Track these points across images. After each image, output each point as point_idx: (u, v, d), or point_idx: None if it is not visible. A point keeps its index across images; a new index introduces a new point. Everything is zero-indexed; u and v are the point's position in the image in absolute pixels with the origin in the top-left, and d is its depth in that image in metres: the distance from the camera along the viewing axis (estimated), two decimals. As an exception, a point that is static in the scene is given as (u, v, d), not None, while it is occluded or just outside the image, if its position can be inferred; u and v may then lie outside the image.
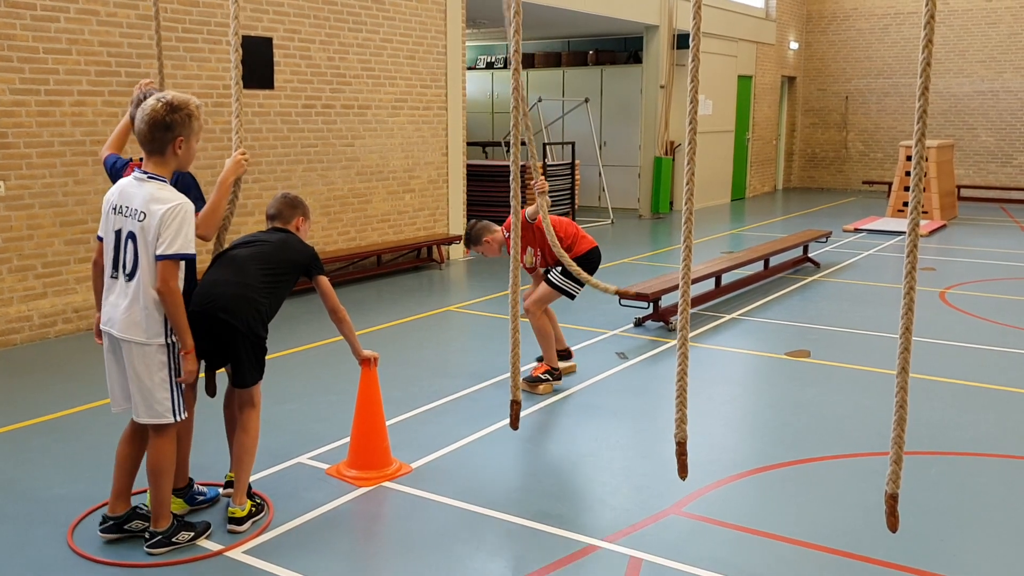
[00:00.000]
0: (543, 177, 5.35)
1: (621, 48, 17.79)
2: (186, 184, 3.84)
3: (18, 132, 6.94)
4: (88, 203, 7.40)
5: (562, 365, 6.10)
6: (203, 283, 3.83)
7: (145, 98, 3.77)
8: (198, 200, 3.83)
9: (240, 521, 3.87)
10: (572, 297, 5.98)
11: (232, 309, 3.73)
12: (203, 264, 4.11)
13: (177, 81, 8.02)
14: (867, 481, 4.52)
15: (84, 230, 7.39)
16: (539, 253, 5.91)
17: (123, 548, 3.75)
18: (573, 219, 14.20)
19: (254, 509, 3.96)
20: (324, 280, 4.12)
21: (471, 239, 5.98)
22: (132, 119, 3.91)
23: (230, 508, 3.90)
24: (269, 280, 3.88)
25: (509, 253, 5.83)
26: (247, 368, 3.85)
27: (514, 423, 3.25)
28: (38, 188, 7.09)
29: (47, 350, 6.91)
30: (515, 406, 3.22)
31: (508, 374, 6.08)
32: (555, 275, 5.88)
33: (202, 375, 4.02)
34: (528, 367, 6.15)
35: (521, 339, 3.33)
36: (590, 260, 5.95)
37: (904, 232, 13.69)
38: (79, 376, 6.13)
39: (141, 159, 3.70)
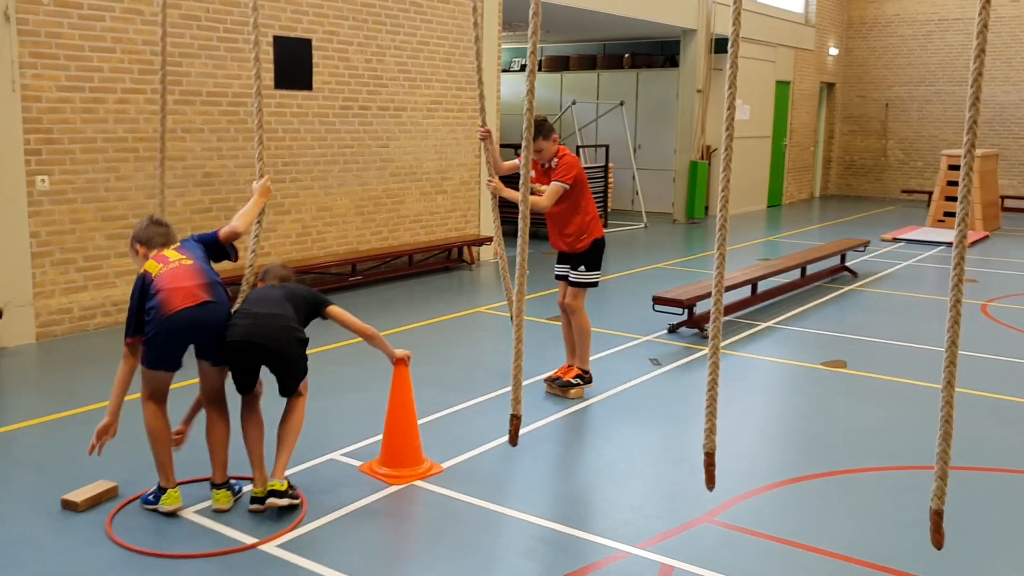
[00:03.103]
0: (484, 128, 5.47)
1: (658, 51, 17.72)
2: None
3: (63, 128, 7.05)
4: (129, 199, 7.51)
5: (573, 392, 5.89)
6: (244, 316, 4.04)
7: None
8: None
9: (281, 495, 3.94)
10: (596, 285, 6.02)
11: (279, 337, 4.01)
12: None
13: (218, 80, 8.11)
14: (903, 495, 4.46)
15: (124, 225, 7.49)
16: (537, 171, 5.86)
17: (160, 538, 3.80)
18: (605, 223, 14.16)
19: (291, 489, 4.03)
20: (335, 310, 4.31)
21: (542, 131, 5.65)
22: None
23: (270, 482, 3.98)
24: (297, 314, 4.15)
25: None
26: (291, 381, 4.13)
27: (513, 439, 2.99)
28: (81, 183, 7.20)
29: (86, 342, 7.02)
30: (515, 420, 2.95)
31: (539, 377, 6.11)
32: (576, 276, 5.88)
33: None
34: (543, 377, 6.10)
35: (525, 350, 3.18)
36: (600, 250, 5.94)
37: (945, 243, 13.53)
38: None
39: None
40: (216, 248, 4.31)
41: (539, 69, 18.54)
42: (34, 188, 6.92)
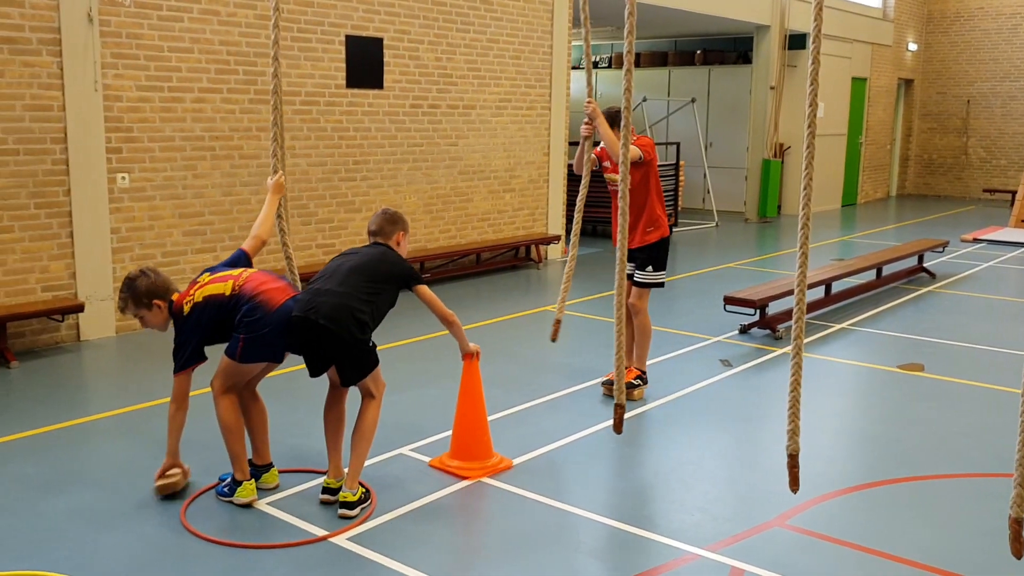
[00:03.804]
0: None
1: (730, 48, 17.46)
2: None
3: (143, 127, 7.25)
4: (205, 196, 7.69)
5: (636, 393, 5.82)
6: (307, 291, 4.06)
7: None
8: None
9: (352, 506, 3.98)
10: (662, 286, 5.96)
11: (333, 317, 3.90)
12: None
13: (292, 80, 8.25)
14: (983, 503, 4.31)
15: (201, 222, 7.68)
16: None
17: (233, 528, 3.88)
18: (676, 222, 14.01)
19: (363, 495, 4.06)
20: (424, 289, 4.21)
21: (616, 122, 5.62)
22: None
23: (342, 492, 4.02)
24: (369, 290, 4.04)
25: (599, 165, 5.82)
26: (349, 369, 4.04)
27: (618, 427, 3.20)
28: (159, 181, 7.40)
29: (164, 336, 7.17)
30: (619, 410, 3.19)
31: (597, 381, 6.05)
32: (642, 276, 5.82)
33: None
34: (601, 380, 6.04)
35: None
36: (667, 249, 5.90)
37: (1028, 243, 13.03)
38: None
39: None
40: (247, 263, 4.37)
41: (608, 66, 18.44)
42: (115, 185, 7.13)
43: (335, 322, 3.89)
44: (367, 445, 4.13)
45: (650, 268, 5.79)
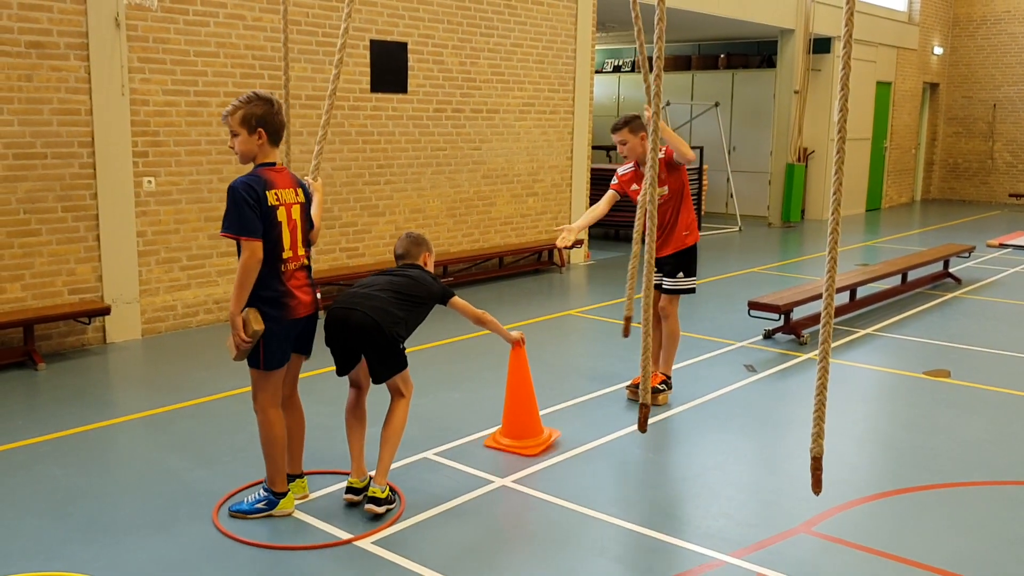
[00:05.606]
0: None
1: (754, 52, 17.39)
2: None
3: (169, 131, 7.31)
4: (230, 200, 7.74)
5: (661, 398, 5.80)
6: (346, 293, 4.17)
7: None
8: None
9: (380, 502, 4.00)
10: (694, 291, 5.94)
11: (374, 312, 3.99)
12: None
13: (316, 84, 8.30)
14: (1011, 511, 4.26)
15: (226, 225, 7.73)
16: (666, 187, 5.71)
17: (260, 529, 3.89)
18: (699, 226, 13.94)
19: (391, 495, 4.08)
20: (457, 300, 4.32)
21: (628, 124, 5.58)
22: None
23: (371, 488, 4.05)
24: (404, 303, 4.12)
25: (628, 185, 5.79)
26: (379, 365, 4.07)
27: (642, 426, 3.32)
28: (185, 184, 7.46)
29: (189, 339, 7.26)
30: (644, 409, 3.30)
31: (622, 385, 6.04)
32: (673, 283, 5.78)
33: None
34: (625, 384, 6.03)
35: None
36: (696, 254, 5.85)
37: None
38: (218, 365, 6.41)
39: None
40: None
41: (632, 70, 18.41)
42: (141, 189, 7.19)
43: (376, 316, 3.97)
44: (396, 441, 4.16)
45: (681, 274, 5.76)
